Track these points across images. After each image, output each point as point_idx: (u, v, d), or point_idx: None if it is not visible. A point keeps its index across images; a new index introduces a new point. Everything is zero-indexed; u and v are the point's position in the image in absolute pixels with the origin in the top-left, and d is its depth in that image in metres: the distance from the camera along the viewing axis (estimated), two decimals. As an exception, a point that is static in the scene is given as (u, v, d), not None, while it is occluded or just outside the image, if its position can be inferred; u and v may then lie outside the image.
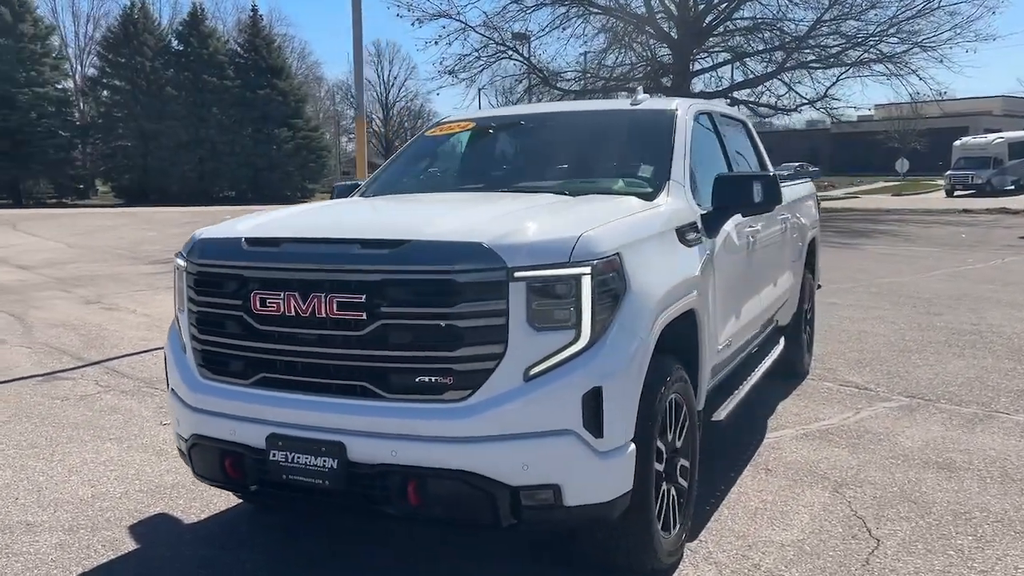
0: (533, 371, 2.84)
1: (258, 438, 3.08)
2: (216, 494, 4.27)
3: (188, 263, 3.33)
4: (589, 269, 2.88)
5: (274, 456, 3.04)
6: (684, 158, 4.08)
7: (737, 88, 32.61)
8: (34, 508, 4.23)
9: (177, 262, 3.45)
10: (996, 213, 27.58)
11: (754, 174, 3.97)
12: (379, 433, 2.89)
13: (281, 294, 2.99)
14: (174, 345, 3.51)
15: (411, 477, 2.87)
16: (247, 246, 3.15)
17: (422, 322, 2.84)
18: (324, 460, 2.95)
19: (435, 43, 31.34)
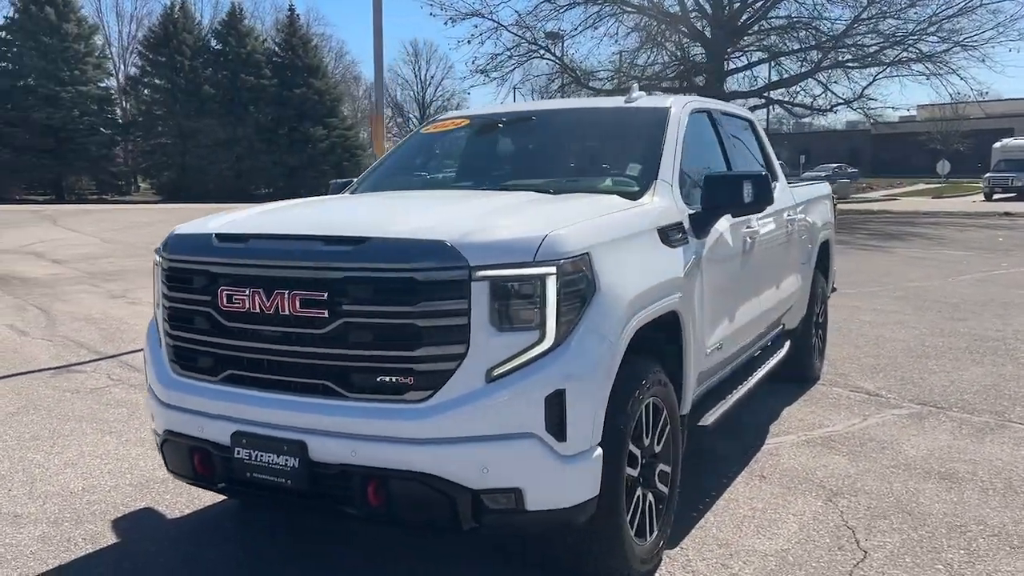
0: (495, 372, 2.79)
1: (224, 435, 3.07)
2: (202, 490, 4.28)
3: (162, 258, 3.33)
4: (554, 269, 2.82)
5: (239, 454, 3.03)
6: (674, 157, 3.99)
7: (771, 88, 32.19)
8: (24, 500, 4.27)
9: (155, 257, 3.46)
10: (1039, 217, 26.92)
11: (744, 174, 3.87)
12: (340, 433, 2.87)
13: (247, 291, 2.98)
14: (151, 341, 3.53)
15: (371, 478, 2.84)
16: (217, 242, 3.15)
17: (383, 321, 2.80)
18: (286, 459, 2.93)
19: (468, 42, 31.45)
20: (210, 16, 62.51)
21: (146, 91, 50.51)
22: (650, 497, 3.40)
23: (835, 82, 31.20)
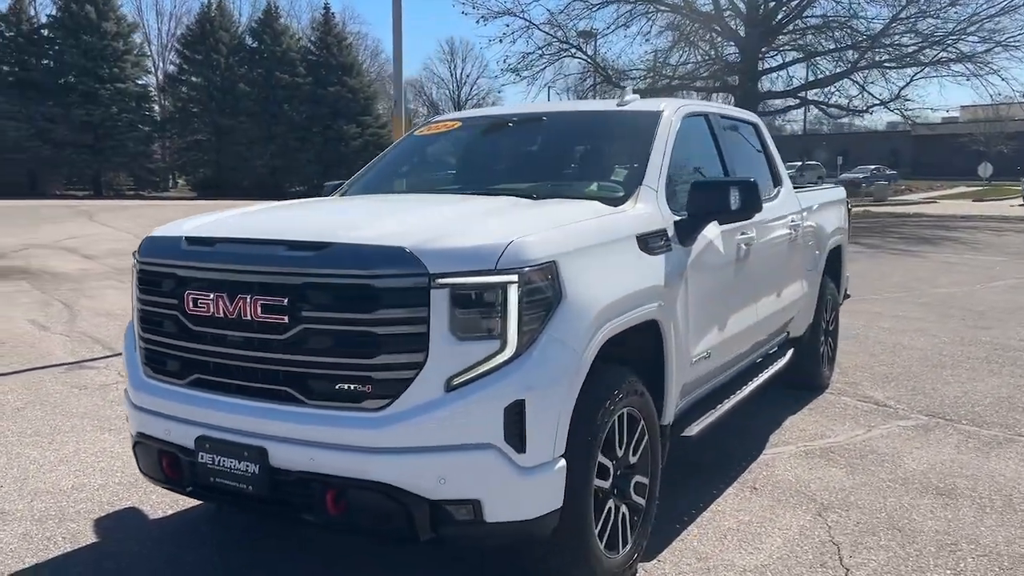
0: (455, 382, 2.75)
1: (189, 439, 3.07)
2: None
3: (136, 261, 3.34)
4: (516, 277, 2.77)
5: (202, 458, 3.02)
6: (661, 162, 3.91)
7: (806, 88, 31.74)
8: (13, 497, 4.32)
9: (133, 260, 3.47)
10: (1081, 221, 26.20)
11: (731, 180, 3.78)
12: (299, 440, 2.85)
13: (211, 295, 2.97)
14: (128, 343, 3.54)
15: (329, 486, 2.82)
16: (186, 245, 3.14)
17: (341, 327, 2.77)
18: (247, 465, 2.92)
19: (499, 41, 31.42)
20: (248, 14, 63.25)
21: (183, 88, 51.19)
22: (624, 509, 3.34)
23: (872, 82, 30.69)
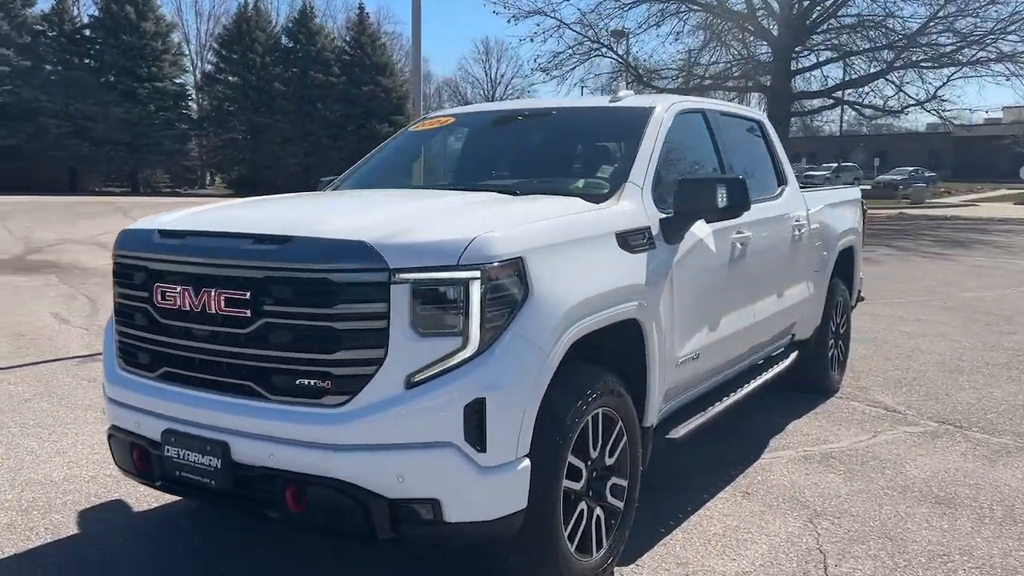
0: (416, 379, 2.71)
1: (157, 432, 3.07)
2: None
3: (113, 254, 3.35)
4: (479, 273, 2.72)
5: (168, 452, 3.02)
6: (648, 159, 3.83)
7: (840, 88, 31.26)
8: (5, 487, 4.36)
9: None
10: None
11: (718, 177, 3.70)
12: (261, 435, 2.83)
13: (178, 288, 2.96)
14: (107, 336, 3.55)
15: (290, 482, 2.79)
16: (158, 238, 3.14)
17: (302, 322, 2.75)
18: (210, 459, 2.91)
19: (530, 40, 31.37)
20: (286, 14, 63.87)
21: (219, 87, 51.85)
22: (598, 512, 3.27)
23: (908, 83, 30.14)
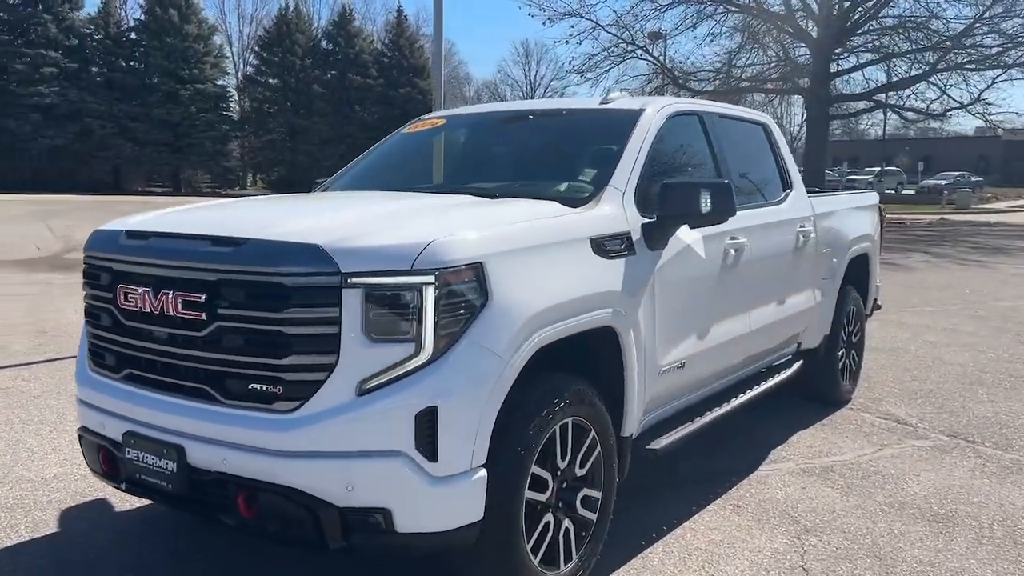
0: (367, 386, 2.66)
1: (119, 434, 3.05)
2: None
3: (83, 255, 3.35)
4: (433, 278, 2.66)
5: (128, 454, 3.01)
6: (633, 163, 3.74)
7: (881, 91, 30.70)
8: (-5, 483, 4.41)
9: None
10: None
11: (701, 182, 3.57)
12: (214, 439, 2.79)
13: (139, 289, 2.94)
14: (82, 337, 3.55)
15: (242, 488, 2.76)
16: (124, 239, 3.13)
17: (254, 326, 2.71)
18: (167, 463, 2.89)
19: (565, 42, 31.34)
20: (327, 17, 64.51)
21: (260, 89, 52.59)
22: (567, 524, 3.19)
23: (951, 85, 29.51)
